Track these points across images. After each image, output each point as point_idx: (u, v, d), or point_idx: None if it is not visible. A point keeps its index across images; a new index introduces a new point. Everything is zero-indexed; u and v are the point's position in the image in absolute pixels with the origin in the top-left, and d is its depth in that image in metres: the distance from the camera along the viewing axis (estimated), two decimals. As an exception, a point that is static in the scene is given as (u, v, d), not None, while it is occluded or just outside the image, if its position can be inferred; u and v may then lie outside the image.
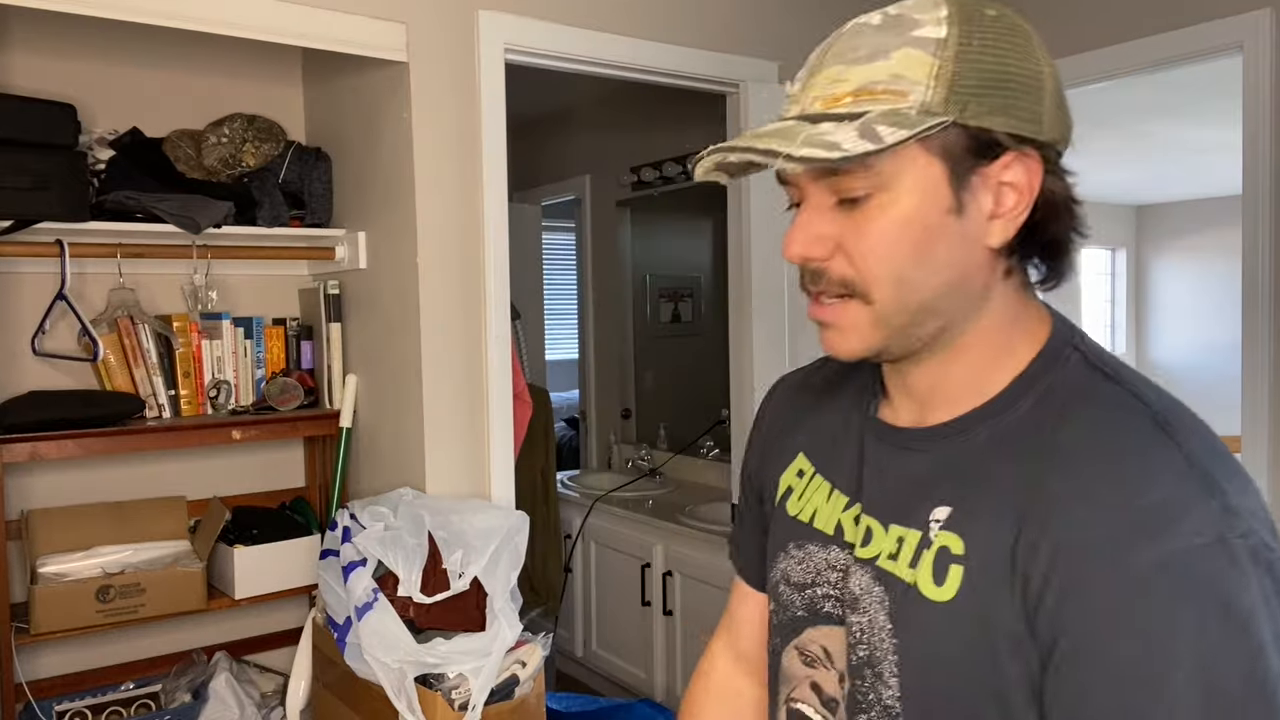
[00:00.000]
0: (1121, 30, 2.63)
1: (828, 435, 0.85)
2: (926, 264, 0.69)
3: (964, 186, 0.68)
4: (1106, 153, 6.25)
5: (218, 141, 2.38)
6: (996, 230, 0.70)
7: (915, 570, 0.71)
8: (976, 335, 0.73)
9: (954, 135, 0.67)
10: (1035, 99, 0.69)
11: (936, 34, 0.67)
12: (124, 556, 2.35)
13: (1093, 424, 0.67)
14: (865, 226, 0.69)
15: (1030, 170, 0.69)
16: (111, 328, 2.37)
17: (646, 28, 2.50)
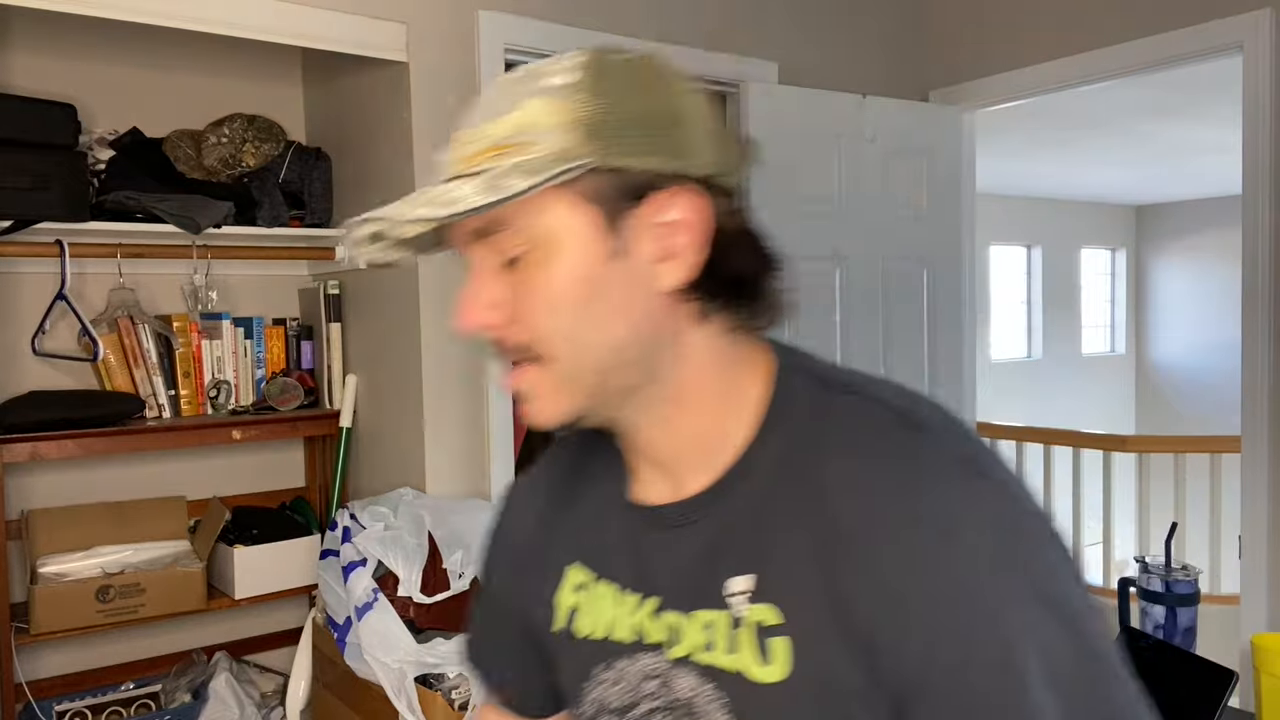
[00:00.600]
0: (1121, 30, 2.63)
1: (593, 535, 0.76)
2: (596, 316, 0.65)
3: (620, 231, 0.64)
4: (1106, 152, 6.25)
5: (218, 141, 2.38)
6: (667, 273, 0.65)
7: (736, 655, 0.65)
8: (688, 386, 0.68)
9: (599, 179, 0.63)
10: (679, 134, 0.65)
11: (566, 80, 0.64)
12: (124, 556, 2.35)
13: (851, 447, 0.64)
14: (528, 285, 0.65)
15: (694, 206, 0.65)
16: (111, 328, 2.37)
17: (646, 28, 2.50)
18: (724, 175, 0.68)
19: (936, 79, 3.09)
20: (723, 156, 0.69)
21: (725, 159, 0.69)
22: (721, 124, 0.70)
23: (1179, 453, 4.02)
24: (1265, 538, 2.41)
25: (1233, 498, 2.74)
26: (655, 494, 0.72)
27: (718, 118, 0.70)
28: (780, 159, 2.62)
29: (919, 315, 2.92)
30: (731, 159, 0.70)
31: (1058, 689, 0.57)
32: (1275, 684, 1.51)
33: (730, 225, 0.68)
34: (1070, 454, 4.28)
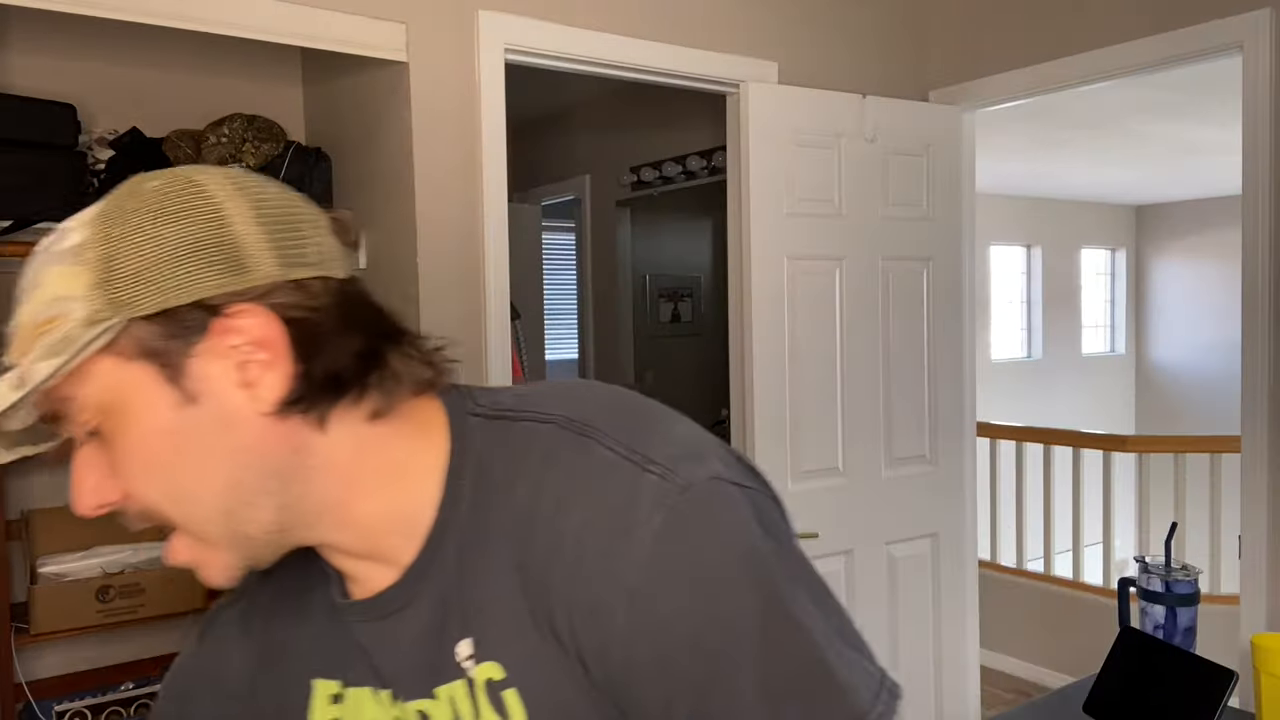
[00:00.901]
0: (1121, 30, 2.63)
1: (329, 643, 0.72)
2: (190, 469, 0.61)
3: (184, 375, 0.60)
4: (1106, 152, 6.25)
5: (217, 141, 2.38)
6: (264, 390, 0.60)
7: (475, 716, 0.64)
8: (343, 489, 0.64)
9: (140, 330, 0.59)
10: (224, 252, 0.59)
11: (76, 240, 0.60)
12: (124, 556, 2.35)
13: (527, 476, 0.62)
14: (115, 458, 0.61)
15: (258, 322, 0.60)
16: (111, 328, 2.37)
17: (646, 28, 2.50)
18: (299, 269, 0.62)
19: (936, 79, 3.09)
20: (295, 255, 0.62)
21: (298, 256, 0.62)
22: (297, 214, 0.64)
23: (1179, 453, 4.02)
24: (1265, 538, 2.41)
25: (1232, 498, 2.74)
26: (370, 585, 0.68)
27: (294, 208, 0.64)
28: (780, 159, 2.63)
29: (919, 315, 2.92)
30: (313, 251, 0.63)
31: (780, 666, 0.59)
32: (1275, 684, 1.51)
33: (321, 318, 0.62)
34: (1070, 454, 4.28)
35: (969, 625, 3.10)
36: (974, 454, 3.14)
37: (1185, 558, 3.94)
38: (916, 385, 2.91)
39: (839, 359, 2.74)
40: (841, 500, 2.73)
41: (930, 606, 2.96)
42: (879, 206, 2.82)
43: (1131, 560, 2.11)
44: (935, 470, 2.96)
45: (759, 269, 2.59)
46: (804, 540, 2.80)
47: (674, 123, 3.87)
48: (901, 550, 2.88)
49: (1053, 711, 1.72)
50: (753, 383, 2.59)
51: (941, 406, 2.97)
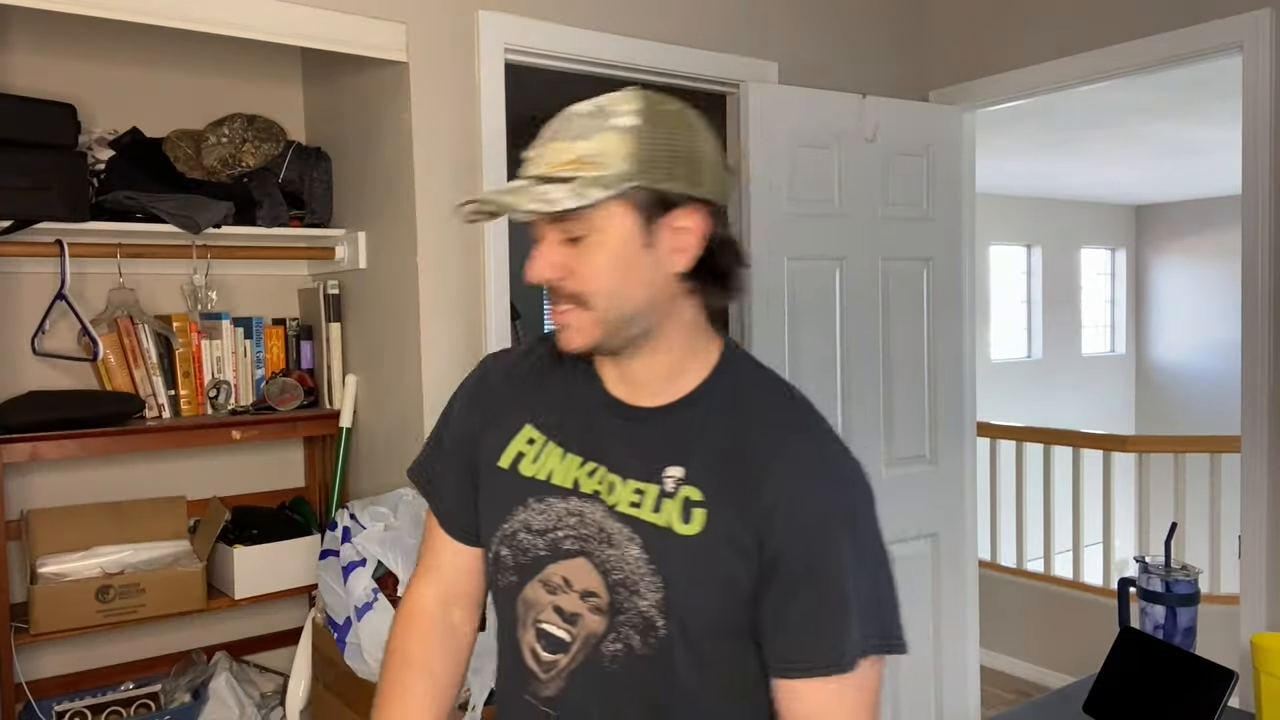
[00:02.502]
0: (1121, 30, 2.63)
1: (555, 411, 1.07)
2: (629, 283, 0.96)
3: (652, 229, 0.95)
4: (1106, 152, 6.25)
5: (217, 141, 2.38)
6: (679, 261, 0.97)
7: (660, 514, 0.97)
8: (670, 338, 1.01)
9: (642, 194, 0.94)
10: (698, 169, 0.96)
11: (629, 123, 0.94)
12: (124, 556, 2.35)
13: (770, 405, 1.01)
14: (585, 257, 0.95)
15: (699, 219, 0.96)
16: (111, 328, 2.37)
17: (646, 28, 2.50)
18: (721, 199, 1.00)
19: (936, 79, 3.09)
20: (722, 187, 1.00)
21: (723, 188, 1.00)
22: (724, 161, 1.01)
23: (1179, 453, 4.02)
24: (1265, 538, 2.41)
25: (1232, 498, 2.74)
26: (628, 396, 1.04)
27: (722, 156, 1.01)
28: (780, 159, 2.62)
29: (919, 315, 2.92)
30: (727, 188, 1.01)
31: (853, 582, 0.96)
32: (1275, 684, 1.51)
33: (720, 234, 0.99)
34: (1070, 454, 4.28)
35: (969, 625, 3.10)
36: (974, 454, 3.14)
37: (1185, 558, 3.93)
38: (916, 385, 2.91)
39: (839, 359, 2.74)
40: (841, 500, 2.73)
41: (930, 606, 2.96)
42: (879, 206, 2.82)
43: (1131, 560, 2.11)
44: (935, 470, 2.96)
45: (759, 269, 2.59)
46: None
47: (674, 123, 3.87)
48: (901, 550, 2.88)
49: (1053, 711, 1.72)
50: (753, 383, 2.59)
51: (941, 406, 2.97)
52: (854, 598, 0.95)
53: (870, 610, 0.97)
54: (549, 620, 1.02)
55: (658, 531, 0.97)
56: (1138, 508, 4.13)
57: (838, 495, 0.98)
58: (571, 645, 1.01)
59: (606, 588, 0.98)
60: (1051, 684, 4.02)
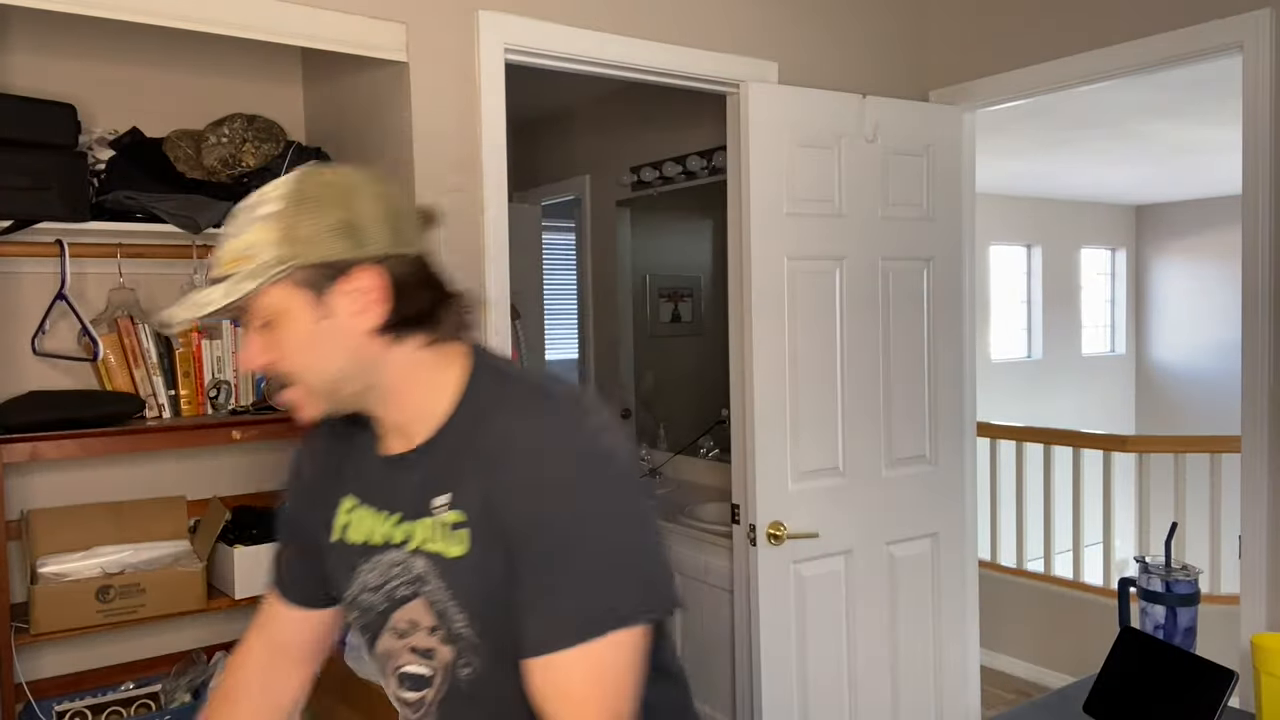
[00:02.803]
0: (1121, 30, 2.63)
1: (361, 475, 1.15)
2: (321, 355, 1.01)
3: (324, 300, 0.99)
4: (1106, 153, 6.25)
5: (217, 141, 2.38)
6: (365, 320, 1.00)
7: (441, 544, 1.04)
8: (397, 386, 1.05)
9: (304, 271, 0.98)
10: (361, 232, 0.99)
11: (271, 210, 0.98)
12: (124, 556, 2.35)
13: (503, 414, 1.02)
14: (276, 341, 1.01)
15: (372, 277, 0.99)
16: (111, 328, 2.37)
17: (646, 28, 2.50)
18: (402, 248, 1.02)
19: (936, 79, 3.09)
20: (401, 237, 1.02)
21: (404, 238, 1.03)
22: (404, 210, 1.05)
23: (1179, 453, 4.02)
24: (1265, 538, 2.41)
25: (1233, 498, 2.74)
26: (395, 447, 1.10)
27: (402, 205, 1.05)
28: (780, 159, 2.62)
29: (919, 315, 2.92)
30: (410, 236, 1.04)
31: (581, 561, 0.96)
32: (1275, 684, 1.51)
33: (408, 280, 1.02)
34: (1070, 454, 4.28)
35: (969, 625, 3.10)
36: (974, 454, 3.14)
37: (1185, 558, 3.93)
38: (916, 385, 2.91)
39: (839, 359, 2.74)
40: (841, 500, 2.73)
41: (930, 606, 2.96)
42: (879, 206, 2.82)
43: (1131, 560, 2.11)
44: (935, 470, 2.96)
45: (759, 269, 2.59)
46: (804, 540, 2.79)
47: (674, 123, 3.87)
48: (901, 550, 2.88)
49: (1053, 711, 1.72)
50: (753, 383, 2.59)
51: (941, 406, 2.97)
52: (580, 570, 0.95)
53: (603, 582, 0.96)
54: (407, 662, 1.10)
55: (444, 560, 1.03)
56: (1138, 508, 4.13)
57: (560, 477, 0.97)
58: (434, 678, 1.09)
59: (440, 618, 1.06)
60: (1051, 684, 4.02)
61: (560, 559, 0.95)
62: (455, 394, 1.05)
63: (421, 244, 1.06)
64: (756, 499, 2.58)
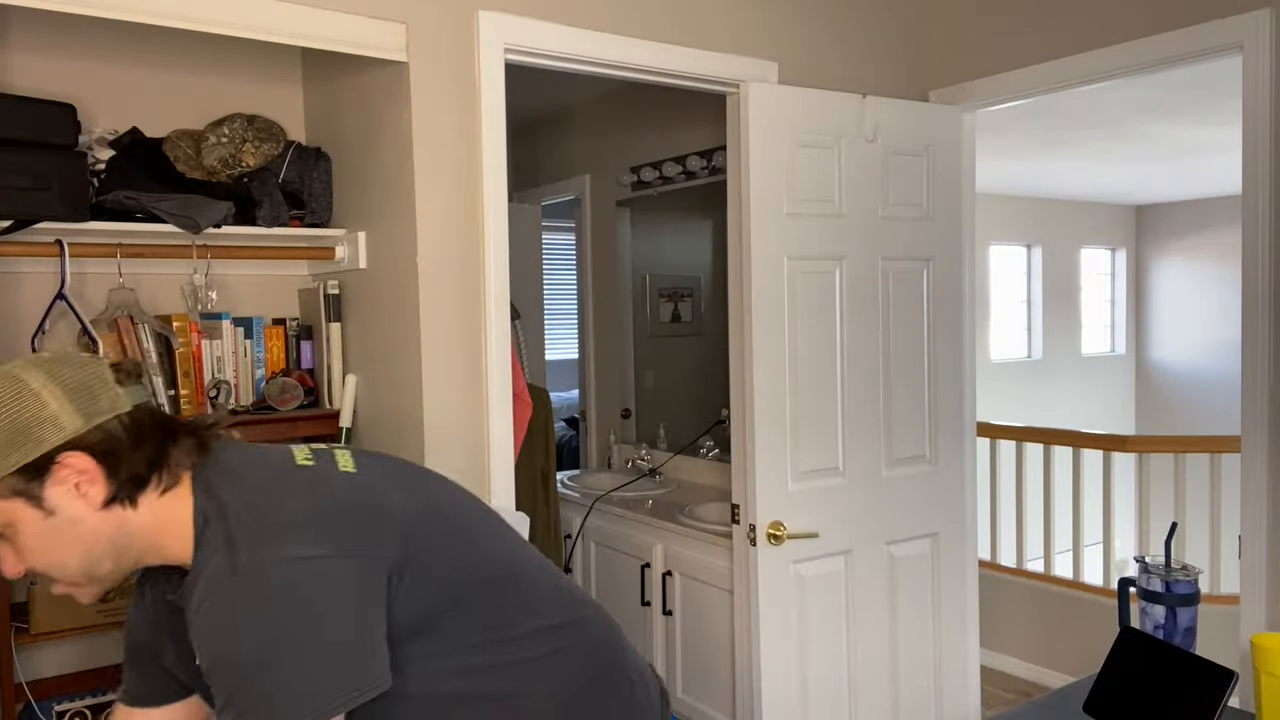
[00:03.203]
0: (1122, 30, 2.63)
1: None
2: (61, 550, 1.03)
3: (41, 500, 1.01)
4: (1106, 153, 6.25)
5: (218, 141, 2.38)
6: (90, 501, 1.02)
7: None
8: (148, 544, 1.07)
9: (9, 481, 0.99)
10: (41, 426, 0.99)
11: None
12: (124, 556, 2.35)
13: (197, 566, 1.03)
14: (20, 548, 1.03)
15: (75, 460, 1.01)
16: (111, 328, 2.37)
17: (646, 28, 2.50)
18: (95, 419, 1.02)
19: (936, 79, 3.09)
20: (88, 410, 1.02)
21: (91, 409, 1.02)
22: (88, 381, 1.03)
23: (1179, 453, 4.02)
24: (1265, 538, 2.41)
25: (1233, 498, 2.74)
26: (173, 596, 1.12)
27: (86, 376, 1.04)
28: (780, 159, 2.63)
29: (919, 315, 2.92)
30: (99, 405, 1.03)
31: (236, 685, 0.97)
32: (1275, 684, 1.51)
33: (117, 445, 1.03)
34: (1070, 454, 4.28)
35: (969, 625, 3.10)
36: (974, 454, 3.14)
37: (1185, 558, 3.94)
38: (916, 385, 2.91)
39: (839, 359, 2.74)
40: (841, 500, 2.73)
41: (930, 606, 2.96)
42: (879, 206, 2.82)
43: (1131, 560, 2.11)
44: (935, 470, 2.96)
45: (759, 269, 2.59)
46: (804, 540, 2.78)
47: (674, 123, 3.87)
48: (901, 550, 2.88)
49: (1053, 711, 1.72)
50: (753, 383, 2.59)
51: (941, 406, 2.97)
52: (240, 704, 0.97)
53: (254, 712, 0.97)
54: None
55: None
56: (1138, 508, 4.12)
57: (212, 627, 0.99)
58: None
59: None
60: (1051, 684, 4.02)
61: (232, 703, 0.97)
62: (189, 537, 1.06)
63: (124, 403, 1.05)
64: (756, 499, 2.59)
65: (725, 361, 2.75)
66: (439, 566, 1.10)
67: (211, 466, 1.09)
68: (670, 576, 3.24)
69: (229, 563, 0.99)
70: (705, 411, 3.80)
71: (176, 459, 1.06)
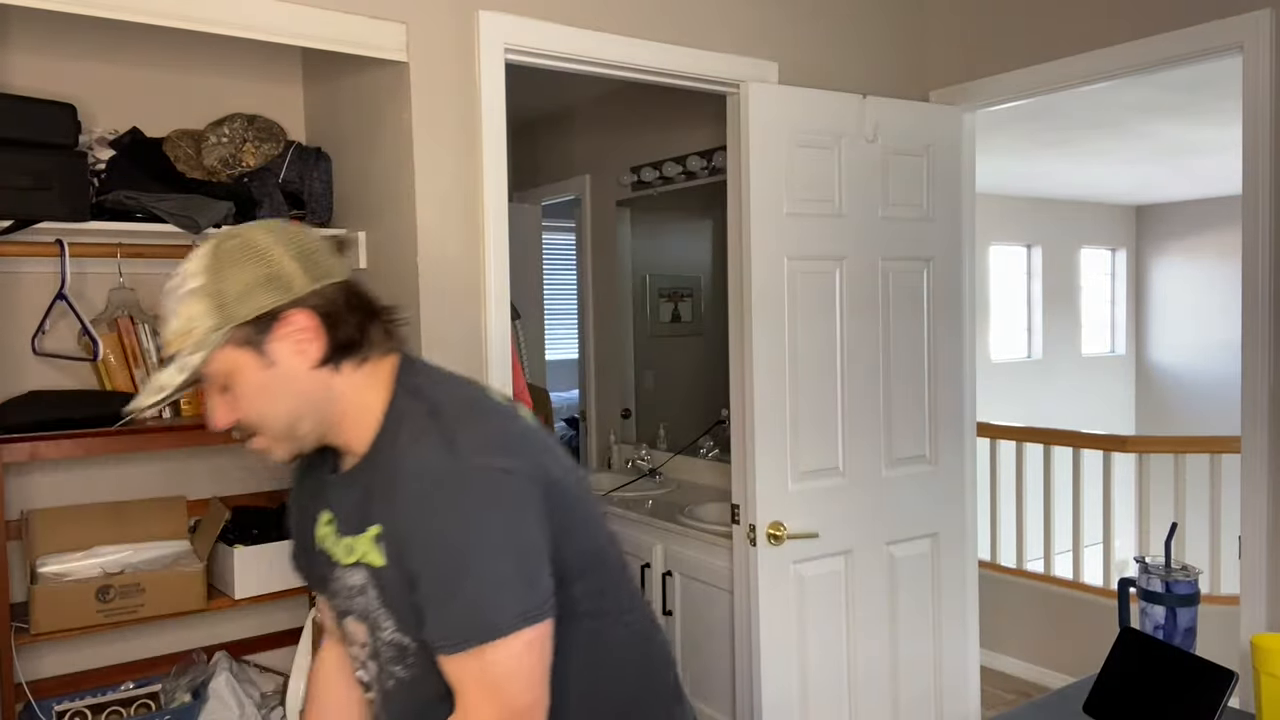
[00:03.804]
0: (1122, 30, 2.63)
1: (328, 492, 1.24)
2: (274, 402, 1.12)
3: (264, 352, 1.10)
4: (1106, 153, 6.25)
5: (218, 141, 2.38)
6: (305, 359, 1.11)
7: (371, 557, 1.14)
8: (344, 415, 1.16)
9: (240, 330, 1.08)
10: (279, 280, 1.09)
11: (193, 285, 1.09)
12: (124, 556, 2.35)
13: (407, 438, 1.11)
14: (234, 399, 1.12)
15: (302, 317, 1.10)
16: (111, 327, 2.37)
17: (646, 28, 2.50)
18: (325, 280, 1.12)
19: (936, 79, 3.09)
20: (319, 271, 1.12)
21: (321, 272, 1.13)
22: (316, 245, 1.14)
23: (1179, 453, 4.02)
24: (1265, 538, 2.41)
25: (1233, 498, 2.74)
26: (346, 465, 1.20)
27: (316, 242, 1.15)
28: (780, 159, 2.63)
29: (919, 315, 2.92)
30: (327, 268, 1.14)
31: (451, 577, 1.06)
32: (1275, 684, 1.51)
33: (335, 308, 1.13)
34: (1070, 454, 4.28)
35: (969, 625, 3.10)
36: (974, 454, 3.14)
37: (1185, 558, 3.94)
38: (916, 385, 2.91)
39: (839, 359, 2.74)
40: (841, 500, 2.73)
41: (930, 606, 2.96)
42: (879, 206, 2.82)
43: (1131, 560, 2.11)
44: (935, 470, 2.96)
45: (759, 269, 2.59)
46: (804, 540, 2.78)
47: (674, 123, 3.86)
48: (901, 550, 2.88)
49: (1053, 711, 1.72)
50: (753, 383, 2.59)
51: (941, 406, 2.97)
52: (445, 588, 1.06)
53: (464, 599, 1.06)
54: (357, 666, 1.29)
55: (374, 570, 1.15)
56: (1138, 508, 4.12)
57: (422, 491, 1.07)
58: (372, 684, 1.27)
59: (369, 633, 1.20)
60: (1051, 684, 4.02)
61: (431, 575, 1.06)
62: (379, 416, 1.15)
63: (341, 271, 1.15)
64: (756, 499, 2.58)
65: (725, 361, 2.74)
66: (580, 528, 1.18)
67: (420, 372, 1.19)
68: (670, 577, 3.24)
69: (447, 456, 1.07)
70: (705, 411, 3.80)
71: (374, 336, 1.16)
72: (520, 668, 1.07)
